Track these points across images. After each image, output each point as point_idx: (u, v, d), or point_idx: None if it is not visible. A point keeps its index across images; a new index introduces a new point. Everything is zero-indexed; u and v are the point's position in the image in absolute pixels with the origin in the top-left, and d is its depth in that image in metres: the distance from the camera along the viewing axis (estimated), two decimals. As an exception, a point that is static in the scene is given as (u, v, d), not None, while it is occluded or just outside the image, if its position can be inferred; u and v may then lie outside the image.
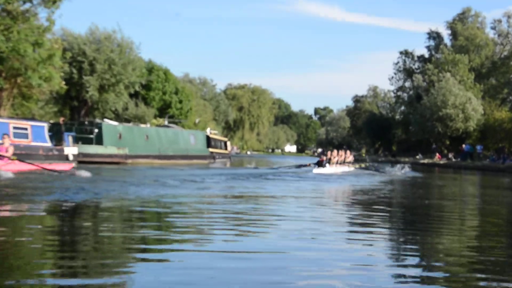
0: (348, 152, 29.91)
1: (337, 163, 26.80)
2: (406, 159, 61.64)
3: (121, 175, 18.37)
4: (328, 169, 25.16)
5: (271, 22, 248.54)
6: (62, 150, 21.91)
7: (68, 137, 23.62)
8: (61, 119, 32.98)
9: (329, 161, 26.31)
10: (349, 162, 28.90)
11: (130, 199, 10.41)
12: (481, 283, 4.68)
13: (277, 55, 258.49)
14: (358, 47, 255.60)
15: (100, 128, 31.61)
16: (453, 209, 11.36)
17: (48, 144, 21.16)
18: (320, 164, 25.98)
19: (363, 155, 76.93)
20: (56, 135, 27.86)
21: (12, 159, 16.89)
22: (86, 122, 33.05)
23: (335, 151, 27.53)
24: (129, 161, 32.26)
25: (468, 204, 13.27)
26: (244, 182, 16.97)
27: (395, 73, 74.25)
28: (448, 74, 57.81)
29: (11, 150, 17.55)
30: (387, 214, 9.94)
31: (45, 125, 21.84)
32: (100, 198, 10.37)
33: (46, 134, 21.36)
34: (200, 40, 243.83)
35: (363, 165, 30.05)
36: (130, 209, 9.17)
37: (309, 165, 27.98)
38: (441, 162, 54.09)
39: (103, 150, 30.72)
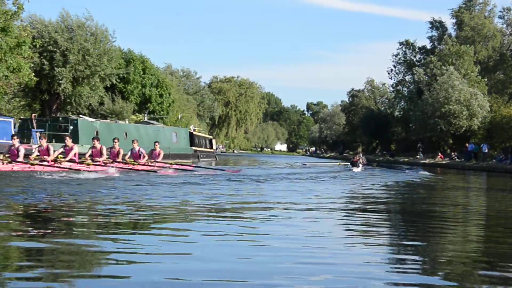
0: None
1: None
2: (406, 159, 61.73)
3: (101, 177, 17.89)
4: (361, 168, 30.90)
5: (260, 9, 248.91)
6: (30, 148, 21.44)
7: (36, 134, 23.20)
8: (32, 115, 32.48)
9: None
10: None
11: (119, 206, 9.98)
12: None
13: (267, 45, 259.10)
14: (354, 37, 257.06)
15: (75, 124, 31.13)
16: (456, 215, 11.12)
17: (15, 141, 20.69)
18: (354, 164, 31.38)
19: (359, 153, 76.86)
20: (27, 131, 27.40)
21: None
22: (61, 118, 32.56)
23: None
24: None
25: (474, 209, 13.04)
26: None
27: (394, 66, 74.24)
28: (451, 68, 57.77)
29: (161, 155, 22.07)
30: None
31: (11, 121, 21.43)
32: (67, 202, 9.97)
33: (13, 131, 20.94)
34: (183, 29, 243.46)
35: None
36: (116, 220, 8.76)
37: (339, 165, 34.92)
38: (443, 162, 54.11)
39: (79, 149, 30.23)
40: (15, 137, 17.57)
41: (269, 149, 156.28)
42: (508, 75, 63.24)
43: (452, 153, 56.96)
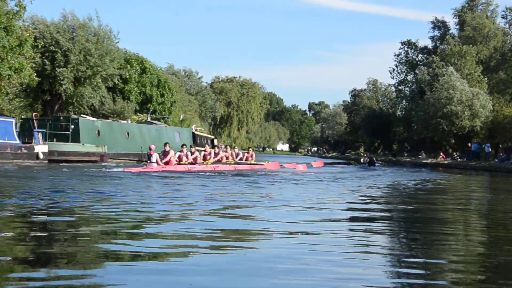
0: None
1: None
2: (408, 159, 61.66)
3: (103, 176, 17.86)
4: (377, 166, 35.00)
5: (261, 9, 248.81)
6: (32, 148, 21.48)
7: (38, 135, 23.18)
8: (33, 115, 32.45)
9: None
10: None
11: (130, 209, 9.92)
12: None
13: (268, 45, 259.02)
14: (356, 37, 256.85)
15: (76, 124, 31.14)
16: (458, 217, 11.03)
17: (17, 141, 20.71)
18: (372, 163, 34.87)
19: (362, 154, 76.81)
20: (28, 131, 27.38)
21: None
22: (62, 118, 32.58)
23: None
24: (108, 160, 31.85)
25: (480, 211, 12.97)
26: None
27: (396, 66, 74.07)
28: (451, 68, 57.68)
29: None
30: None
31: (13, 121, 21.40)
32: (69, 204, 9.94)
33: (14, 131, 20.93)
34: (185, 30, 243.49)
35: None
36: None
37: (355, 163, 38.66)
38: (445, 162, 54.04)
39: (80, 148, 30.27)
40: (168, 144, 22.56)
41: (271, 149, 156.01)
42: (510, 75, 63.04)
43: (454, 153, 56.89)
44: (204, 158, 24.05)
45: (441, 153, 58.52)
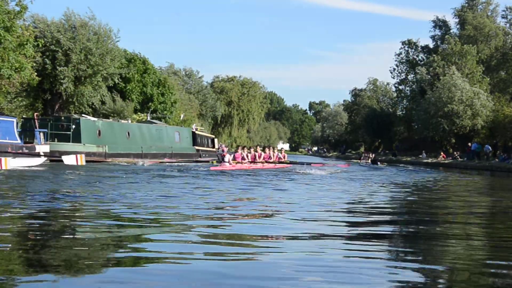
0: None
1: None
2: (408, 158, 61.67)
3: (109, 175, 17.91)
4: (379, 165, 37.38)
5: (261, 9, 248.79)
6: (34, 148, 21.52)
7: (40, 134, 23.22)
8: (35, 114, 32.50)
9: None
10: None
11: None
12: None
13: (269, 45, 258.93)
14: (357, 37, 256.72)
15: (77, 124, 31.20)
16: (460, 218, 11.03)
17: (18, 141, 20.74)
18: (375, 162, 37.92)
19: (361, 153, 76.74)
20: (29, 131, 27.44)
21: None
22: (63, 118, 32.61)
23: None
24: (109, 160, 31.93)
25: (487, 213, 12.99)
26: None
27: (397, 65, 74.09)
28: (454, 67, 57.66)
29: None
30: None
31: (14, 121, 21.41)
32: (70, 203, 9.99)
33: (15, 131, 20.94)
34: (185, 29, 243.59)
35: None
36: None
37: (359, 162, 41.94)
38: (446, 161, 54.05)
39: (81, 148, 30.31)
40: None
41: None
42: (511, 74, 63.07)
43: (455, 153, 56.88)
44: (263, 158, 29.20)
45: (442, 153, 58.53)
